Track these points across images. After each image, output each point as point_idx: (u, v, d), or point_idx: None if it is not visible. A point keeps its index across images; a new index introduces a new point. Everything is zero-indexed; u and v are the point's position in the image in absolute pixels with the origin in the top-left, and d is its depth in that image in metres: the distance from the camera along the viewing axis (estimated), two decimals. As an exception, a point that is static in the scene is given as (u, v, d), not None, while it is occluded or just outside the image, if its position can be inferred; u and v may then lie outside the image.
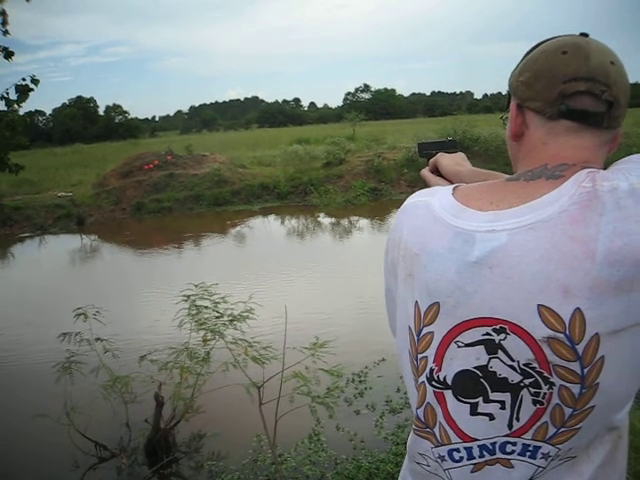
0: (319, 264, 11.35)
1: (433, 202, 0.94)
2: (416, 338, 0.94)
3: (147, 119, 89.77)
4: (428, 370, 0.92)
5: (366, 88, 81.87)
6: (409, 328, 0.96)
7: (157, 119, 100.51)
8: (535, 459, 0.86)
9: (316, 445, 4.67)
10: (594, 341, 0.78)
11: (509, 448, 0.87)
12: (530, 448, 0.86)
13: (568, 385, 0.81)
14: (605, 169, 0.87)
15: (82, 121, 63.33)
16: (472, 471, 0.91)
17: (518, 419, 0.85)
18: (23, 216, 17.78)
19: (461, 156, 1.33)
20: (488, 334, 0.84)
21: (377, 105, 72.18)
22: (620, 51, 0.91)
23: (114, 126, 62.96)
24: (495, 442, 0.88)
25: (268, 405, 3.92)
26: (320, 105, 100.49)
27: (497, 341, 0.84)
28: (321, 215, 17.29)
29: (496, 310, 0.83)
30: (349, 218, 16.85)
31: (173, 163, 21.14)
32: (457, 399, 0.89)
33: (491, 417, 0.87)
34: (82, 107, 66.64)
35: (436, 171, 1.33)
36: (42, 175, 22.76)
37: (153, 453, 4.77)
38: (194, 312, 4.50)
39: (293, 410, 3.98)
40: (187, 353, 4.53)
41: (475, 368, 0.87)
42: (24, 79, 4.58)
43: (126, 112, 68.14)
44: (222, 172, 20.24)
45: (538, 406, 0.84)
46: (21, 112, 5.18)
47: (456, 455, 0.91)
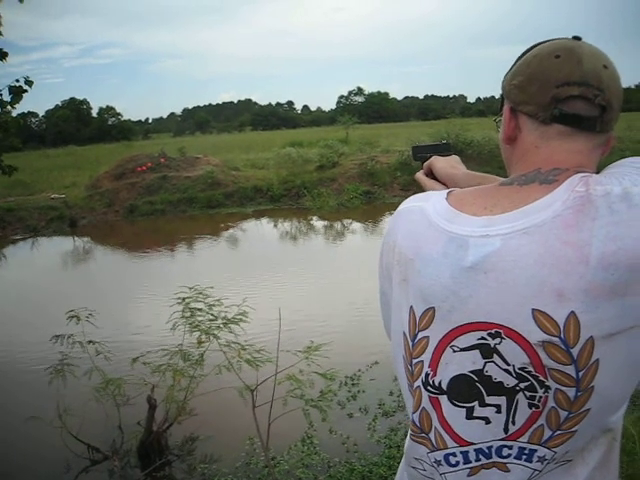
0: (312, 267, 11.35)
1: (427, 207, 0.95)
2: (411, 343, 0.94)
3: (140, 121, 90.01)
4: (424, 375, 0.92)
5: (359, 91, 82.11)
6: (403, 333, 0.96)
7: (150, 121, 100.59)
8: (531, 462, 0.87)
9: (309, 448, 4.67)
10: (589, 344, 0.79)
11: (505, 452, 0.87)
12: (526, 451, 0.86)
13: (563, 388, 0.81)
14: (598, 173, 0.87)
15: (75, 123, 63.09)
16: (468, 475, 0.91)
17: (514, 423, 0.85)
18: (16, 218, 17.68)
19: (455, 159, 1.33)
20: (483, 338, 0.85)
21: (370, 108, 72.30)
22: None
23: (107, 128, 62.78)
24: (491, 446, 0.88)
25: (261, 408, 3.92)
26: (313, 108, 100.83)
27: (492, 345, 0.84)
28: (314, 218, 17.27)
29: (491, 315, 0.84)
30: (342, 221, 16.83)
31: (166, 165, 21.06)
32: (452, 403, 0.90)
33: (487, 421, 0.87)
34: (75, 109, 66.40)
35: (430, 174, 1.33)
36: (35, 177, 22.61)
37: (146, 456, 4.75)
38: (188, 314, 4.49)
39: (286, 413, 3.98)
40: (180, 355, 4.52)
41: (471, 372, 0.87)
42: (18, 80, 4.55)
43: (119, 114, 68.16)
44: (215, 175, 20.18)
45: (534, 409, 0.84)
46: (14, 114, 5.15)
47: (452, 459, 0.91)
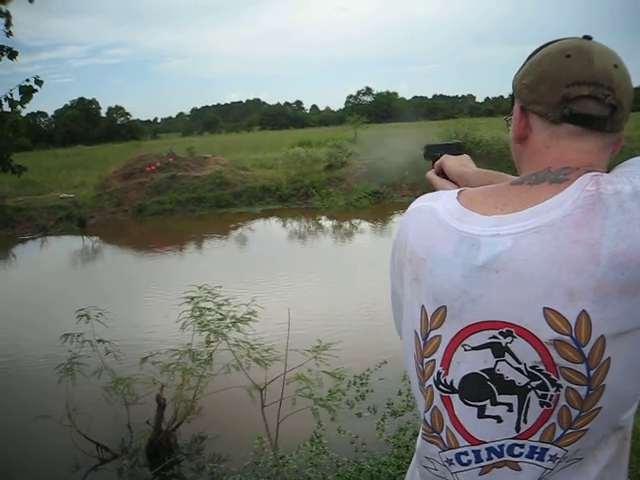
0: (321, 267, 11.34)
1: (437, 206, 0.95)
2: (422, 342, 0.94)
3: (149, 121, 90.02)
4: (435, 374, 0.92)
5: (368, 91, 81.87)
6: (415, 332, 0.96)
7: (159, 121, 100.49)
8: (543, 461, 0.87)
9: (318, 447, 4.68)
10: (600, 343, 0.79)
11: (517, 450, 0.87)
12: (538, 450, 0.86)
13: (575, 387, 0.81)
14: (608, 172, 0.87)
15: (84, 123, 63.24)
16: (480, 474, 0.91)
17: (526, 421, 0.86)
18: (25, 217, 17.80)
19: (466, 158, 1.33)
20: (495, 337, 0.85)
21: (379, 108, 72.04)
22: (624, 54, 0.91)
23: (116, 128, 62.92)
24: (503, 444, 0.88)
25: (270, 407, 3.93)
26: (322, 108, 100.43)
27: (504, 344, 0.84)
28: (323, 218, 17.28)
29: (502, 314, 0.84)
30: (351, 221, 16.83)
31: (175, 165, 21.14)
32: (464, 402, 0.90)
33: (499, 420, 0.87)
34: (84, 108, 66.58)
35: (441, 173, 1.33)
36: (44, 176, 22.73)
37: (154, 455, 4.77)
38: (197, 314, 4.50)
39: (295, 412, 3.98)
40: (189, 355, 4.53)
41: (482, 371, 0.87)
42: (28, 80, 4.59)
43: (128, 114, 68.21)
44: (224, 174, 20.24)
45: (545, 408, 0.84)
46: (23, 113, 5.20)
47: (464, 458, 0.92)
